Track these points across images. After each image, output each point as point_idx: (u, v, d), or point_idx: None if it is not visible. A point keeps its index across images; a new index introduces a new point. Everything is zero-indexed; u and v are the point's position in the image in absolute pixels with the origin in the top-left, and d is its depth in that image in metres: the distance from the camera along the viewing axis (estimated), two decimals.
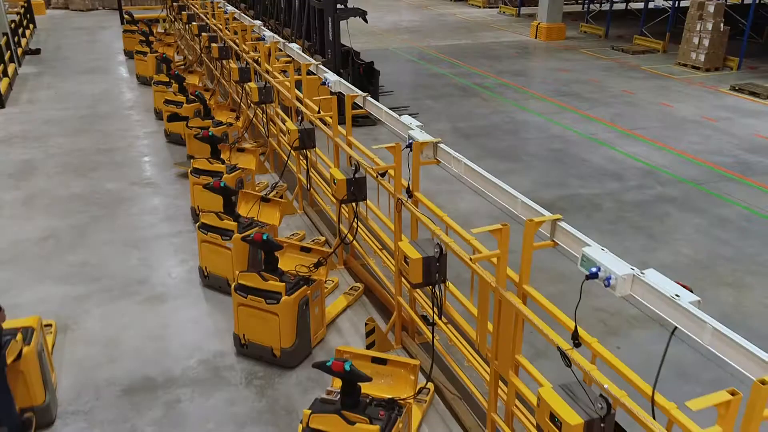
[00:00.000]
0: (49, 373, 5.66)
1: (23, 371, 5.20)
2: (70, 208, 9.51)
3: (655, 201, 9.88)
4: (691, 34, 18.44)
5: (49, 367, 5.69)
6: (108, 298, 7.30)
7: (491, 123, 13.56)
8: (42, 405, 5.42)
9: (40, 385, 5.40)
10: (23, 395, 5.27)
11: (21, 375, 5.20)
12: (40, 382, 5.38)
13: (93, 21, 26.93)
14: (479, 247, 4.71)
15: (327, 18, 12.66)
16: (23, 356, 5.15)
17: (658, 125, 13.53)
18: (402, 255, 4.99)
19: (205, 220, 7.17)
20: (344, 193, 6.36)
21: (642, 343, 6.58)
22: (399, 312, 6.38)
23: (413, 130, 6.08)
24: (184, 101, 11.80)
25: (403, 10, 30.65)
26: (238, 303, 6.06)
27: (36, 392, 5.36)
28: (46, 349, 5.68)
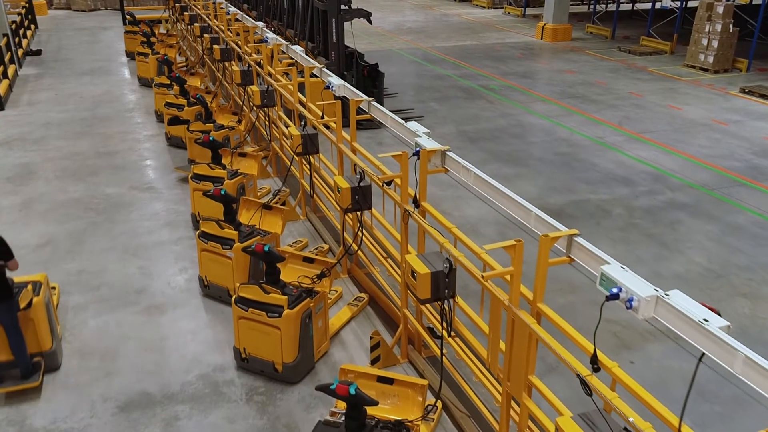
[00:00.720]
0: (55, 324, 6.28)
1: (33, 319, 5.84)
2: (69, 214, 9.32)
3: (666, 207, 9.66)
4: (700, 36, 18.20)
5: (54, 319, 6.27)
6: (106, 308, 7.10)
7: (497, 126, 13.34)
8: (49, 350, 6.05)
9: (48, 333, 6.02)
10: (33, 341, 5.89)
11: (31, 322, 5.84)
12: (47, 330, 6.01)
13: (95, 21, 26.77)
14: (491, 263, 4.51)
15: (331, 19, 12.46)
16: (33, 305, 5.80)
17: (666, 128, 13.30)
18: (409, 269, 4.79)
19: (205, 229, 6.96)
20: (349, 202, 6.16)
21: (657, 358, 6.36)
22: (405, 325, 6.17)
23: (420, 138, 5.87)
24: (185, 104, 11.60)
25: (407, 10, 30.44)
26: (238, 316, 5.86)
27: (44, 339, 5.99)
28: (51, 303, 6.29)
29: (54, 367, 6.13)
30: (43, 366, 5.95)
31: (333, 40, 12.58)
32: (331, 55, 12.65)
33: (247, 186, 8.73)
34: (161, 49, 16.75)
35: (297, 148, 7.57)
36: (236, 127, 10.63)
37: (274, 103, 9.63)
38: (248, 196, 8.75)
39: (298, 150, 7.58)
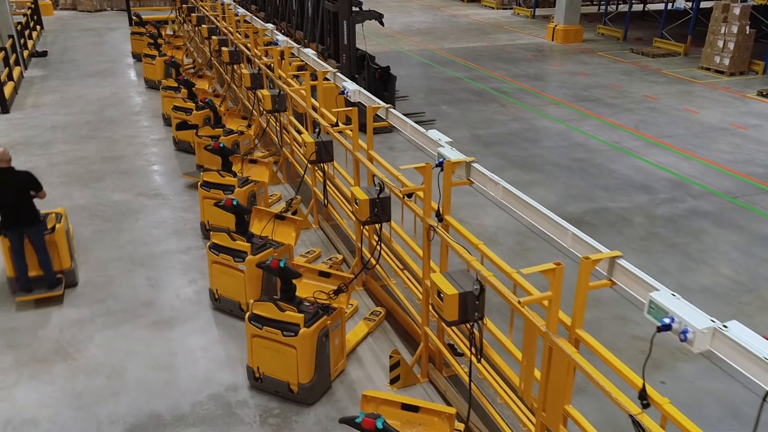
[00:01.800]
0: (74, 248, 7.73)
1: (56, 242, 7.19)
2: (74, 221, 9.02)
3: (689, 216, 9.36)
4: (715, 37, 17.87)
5: (72, 246, 7.68)
6: (112, 322, 6.85)
7: (511, 130, 13.05)
8: (69, 269, 7.40)
9: (67, 255, 7.37)
10: (55, 261, 7.24)
11: (54, 245, 7.19)
12: (67, 252, 7.35)
13: (101, 22, 26.56)
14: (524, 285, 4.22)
15: (342, 21, 12.19)
16: (56, 230, 7.19)
17: (684, 133, 13.00)
18: (435, 289, 4.51)
19: (216, 240, 6.70)
20: (367, 214, 5.88)
21: (689, 378, 6.07)
22: (426, 343, 5.90)
23: (443, 148, 5.59)
24: (193, 108, 11.35)
25: (415, 11, 30.15)
26: (252, 334, 5.59)
27: (64, 259, 7.34)
28: (69, 233, 7.64)
29: (72, 283, 7.47)
30: (64, 282, 7.28)
31: (344, 42, 12.31)
32: (342, 58, 12.38)
33: (258, 194, 8.46)
34: (168, 50, 16.51)
35: (311, 156, 7.30)
36: (246, 132, 10.36)
37: (286, 108, 9.37)
38: (259, 204, 8.49)
39: (312, 158, 7.31)
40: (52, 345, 6.47)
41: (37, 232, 6.95)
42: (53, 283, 7.18)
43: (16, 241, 6.93)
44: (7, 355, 6.33)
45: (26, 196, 6.84)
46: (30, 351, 6.38)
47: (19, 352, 6.36)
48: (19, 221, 6.83)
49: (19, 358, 6.27)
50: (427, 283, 5.62)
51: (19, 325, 6.76)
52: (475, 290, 4.28)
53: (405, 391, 5.88)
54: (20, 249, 6.97)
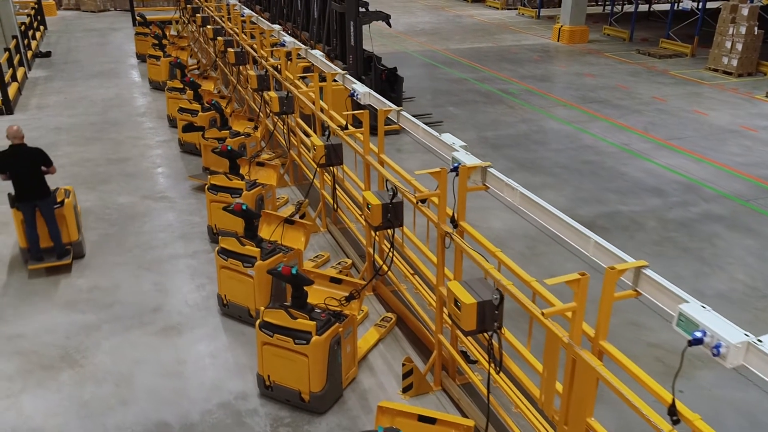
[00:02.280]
0: (81, 223, 8.27)
1: (65, 215, 7.77)
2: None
3: (702, 220, 9.25)
4: (723, 38, 17.75)
5: (80, 221, 8.22)
6: (120, 328, 6.75)
7: (519, 132, 12.94)
8: (77, 241, 7.97)
9: (75, 227, 7.92)
10: (64, 233, 7.78)
11: (63, 218, 7.75)
12: (75, 225, 7.92)
13: (105, 22, 26.48)
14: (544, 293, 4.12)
15: (349, 22, 12.08)
16: (65, 204, 7.75)
17: (694, 135, 12.88)
18: (452, 297, 4.40)
19: (225, 245, 6.60)
20: (380, 220, 5.77)
21: (707, 387, 5.96)
22: (440, 351, 5.79)
23: (458, 152, 5.48)
24: (199, 110, 11.26)
25: (419, 11, 30.03)
26: (262, 342, 5.49)
27: (72, 232, 7.90)
28: (77, 209, 8.21)
29: (79, 254, 8.06)
30: (72, 253, 7.83)
31: (351, 43, 12.21)
32: (349, 59, 12.28)
33: (266, 197, 8.36)
34: (173, 51, 16.42)
35: (320, 159, 7.19)
36: (252, 134, 10.26)
37: (293, 110, 9.26)
38: (267, 207, 8.39)
39: (321, 161, 7.20)
40: (59, 351, 6.37)
41: (48, 205, 7.53)
42: (62, 253, 7.74)
43: (28, 213, 7.51)
44: (13, 361, 6.23)
45: (38, 171, 7.45)
46: (36, 357, 6.28)
47: (24, 359, 6.26)
48: (31, 194, 7.43)
49: (25, 365, 6.17)
50: (442, 290, 5.52)
51: (25, 331, 6.67)
52: (494, 300, 4.17)
53: (418, 399, 5.77)
54: (32, 221, 7.54)
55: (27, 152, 7.47)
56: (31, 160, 7.44)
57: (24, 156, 7.43)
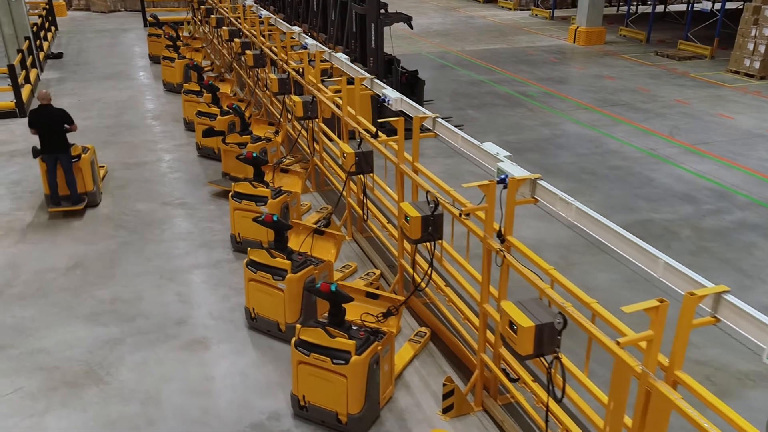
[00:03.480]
0: (97, 175, 9.68)
1: (81, 168, 9.17)
2: (99, 232, 8.75)
3: (737, 228, 8.97)
4: (745, 40, 17.44)
5: (98, 173, 9.71)
6: (144, 342, 6.52)
7: (541, 136, 12.67)
8: (91, 191, 9.41)
9: (91, 180, 9.35)
10: (80, 184, 9.22)
11: (80, 170, 9.16)
12: (90, 177, 9.34)
13: (115, 23, 26.31)
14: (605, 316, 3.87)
15: (370, 24, 11.83)
16: (82, 159, 9.14)
17: (721, 139, 12.59)
18: (506, 319, 4.16)
19: (254, 257, 6.35)
20: (419, 233, 5.53)
21: (760, 407, 5.69)
22: (482, 371, 5.54)
23: (503, 162, 5.24)
24: (218, 113, 11.02)
25: (431, 12, 29.76)
26: (298, 361, 5.25)
27: (87, 182, 9.33)
28: (95, 165, 9.61)
29: (93, 203, 9.46)
30: (86, 201, 9.28)
31: (371, 45, 11.96)
32: (370, 62, 12.03)
33: (291, 205, 8.13)
34: (187, 53, 16.21)
35: (351, 167, 6.95)
36: (273, 139, 10.02)
37: (317, 115, 9.03)
38: (292, 216, 8.16)
39: (351, 169, 6.96)
40: (82, 367, 6.14)
41: (67, 158, 8.90)
42: (77, 200, 9.15)
43: (51, 164, 8.89)
44: (36, 378, 6.00)
45: (61, 128, 8.76)
46: (59, 374, 6.05)
47: (47, 375, 6.03)
48: (53, 148, 8.80)
49: (48, 382, 5.95)
50: (486, 308, 5.27)
51: (47, 345, 6.44)
52: (557, 324, 3.91)
53: (459, 420, 5.52)
54: (53, 171, 8.94)
55: (52, 112, 8.81)
56: (56, 119, 8.75)
57: (50, 115, 8.77)
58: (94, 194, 9.38)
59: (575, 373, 4.41)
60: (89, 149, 9.34)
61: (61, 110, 8.87)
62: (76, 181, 9.03)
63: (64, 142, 8.85)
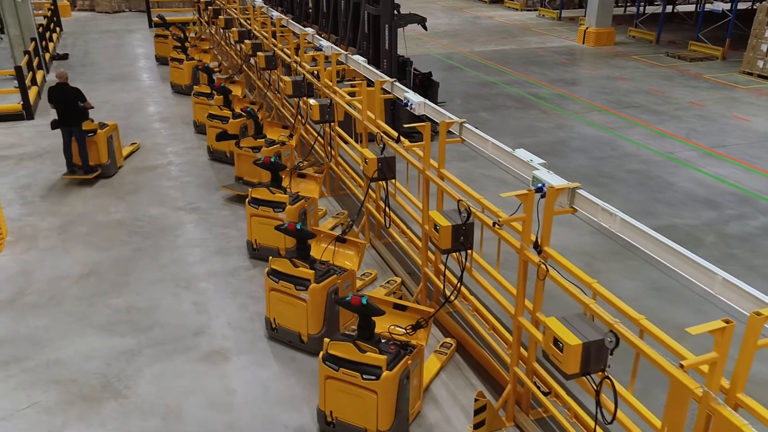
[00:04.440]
0: (116, 150, 10.67)
1: (96, 142, 10.16)
2: (112, 238, 8.58)
3: (763, 234, 8.79)
4: (758, 41, 17.25)
5: (116, 148, 10.71)
6: (162, 354, 6.34)
7: (557, 139, 12.49)
8: (105, 164, 10.38)
9: (105, 153, 10.32)
10: (95, 156, 10.25)
11: (94, 144, 10.17)
12: (105, 151, 10.31)
13: (120, 24, 26.14)
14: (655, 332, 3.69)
15: (384, 25, 11.65)
16: (97, 134, 10.14)
17: (739, 142, 12.41)
18: (551, 336, 3.98)
19: (276, 267, 6.17)
20: (449, 243, 5.35)
21: None
22: (514, 385, 5.36)
23: (539, 171, 5.07)
24: (230, 116, 10.85)
25: (438, 12, 29.57)
26: (326, 376, 5.07)
27: (102, 155, 10.31)
28: (116, 140, 10.74)
29: (107, 174, 10.45)
30: (99, 171, 10.29)
31: (385, 47, 11.78)
32: (383, 64, 11.85)
33: (308, 211, 7.95)
34: (195, 54, 16.03)
35: (373, 173, 6.77)
36: (287, 142, 9.85)
37: (334, 119, 8.85)
38: (309, 222, 7.99)
39: (374, 175, 6.78)
40: (100, 380, 5.96)
41: (79, 131, 9.90)
42: (88, 170, 10.14)
43: (66, 135, 9.94)
44: (52, 391, 5.83)
45: (75, 105, 9.79)
46: (76, 387, 5.87)
47: (64, 389, 5.85)
48: (67, 121, 9.83)
49: (65, 396, 5.77)
50: (521, 320, 5.09)
51: (63, 357, 6.27)
52: (608, 343, 3.73)
53: None
54: (68, 142, 9.98)
55: (68, 90, 9.87)
56: (70, 96, 9.80)
57: (65, 92, 9.83)
58: (107, 166, 10.36)
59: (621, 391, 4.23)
60: (108, 126, 10.35)
61: (76, 89, 9.90)
62: (88, 153, 10.01)
63: (77, 116, 9.83)
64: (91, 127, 10.06)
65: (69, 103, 9.75)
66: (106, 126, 10.33)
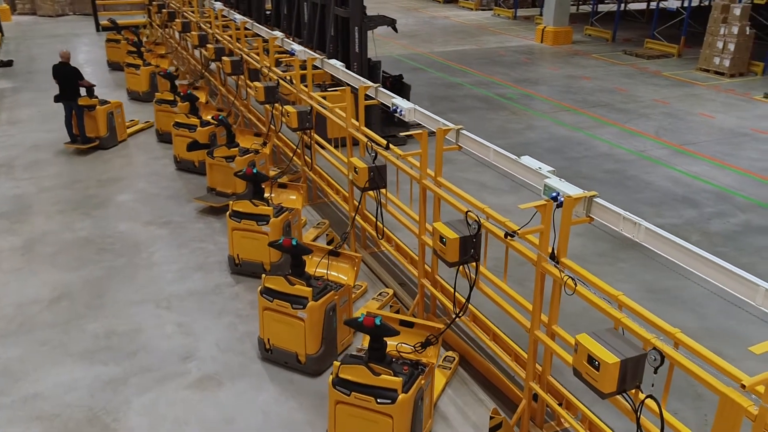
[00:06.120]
0: (117, 125, 11.84)
1: (95, 117, 11.42)
2: (81, 257, 8.09)
3: (745, 232, 8.85)
4: (715, 38, 17.59)
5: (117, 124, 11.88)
6: (150, 381, 5.95)
7: (530, 140, 12.44)
8: (104, 136, 11.61)
9: (105, 128, 11.55)
10: (94, 129, 11.51)
11: (94, 119, 11.42)
12: (105, 126, 11.54)
13: (65, 28, 25.13)
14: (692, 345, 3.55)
15: (353, 27, 11.38)
16: (96, 110, 11.41)
17: (707, 139, 12.57)
18: (585, 352, 3.81)
19: (270, 285, 5.85)
20: (457, 256, 5.13)
21: None
22: (529, 400, 5.18)
23: (550, 179, 4.90)
24: (197, 124, 10.43)
25: (393, 13, 29.27)
26: (336, 401, 4.80)
27: (101, 129, 11.55)
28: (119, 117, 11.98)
29: (105, 147, 11.66)
30: (97, 143, 11.52)
31: (355, 50, 11.52)
32: (353, 67, 11.57)
33: (292, 222, 7.64)
34: (153, 60, 15.45)
35: (364, 183, 6.51)
36: (261, 151, 9.49)
37: (312, 126, 8.55)
38: (293, 233, 7.68)
39: (365, 185, 6.52)
40: (85, 413, 5.55)
41: (78, 106, 11.23)
42: (85, 140, 11.42)
43: (66, 109, 11.30)
44: (34, 429, 5.39)
45: (73, 83, 11.10)
46: (60, 422, 5.45)
47: (47, 426, 5.42)
48: (66, 97, 11.16)
49: None
50: (538, 334, 4.91)
51: (42, 390, 5.82)
52: (652, 362, 3.57)
53: None
54: (69, 115, 11.35)
55: (68, 69, 11.13)
56: (69, 75, 11.09)
57: (65, 71, 11.09)
58: (106, 139, 11.60)
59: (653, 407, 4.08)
60: (110, 103, 11.66)
61: (75, 69, 11.21)
62: (84, 126, 11.30)
63: (74, 93, 11.12)
64: (89, 102, 11.29)
65: (68, 80, 10.98)
66: (108, 103, 11.56)
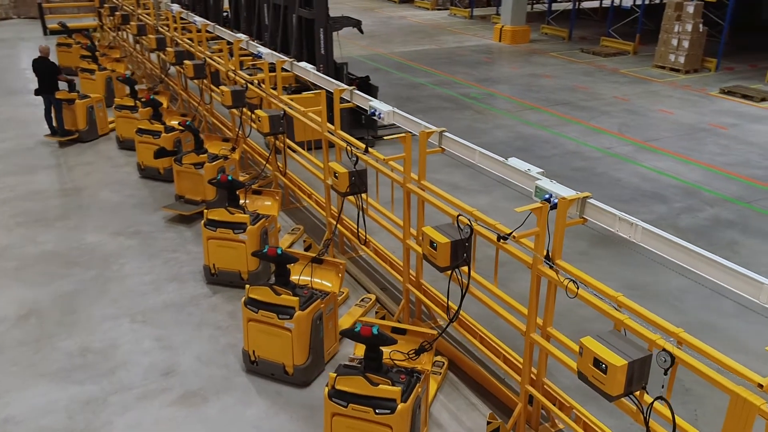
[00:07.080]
0: (97, 119, 12.12)
1: (75, 111, 11.75)
2: (47, 272, 7.77)
3: (714, 226, 9.03)
4: (669, 36, 17.98)
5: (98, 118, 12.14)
6: (131, 400, 5.73)
7: (497, 140, 12.48)
8: (83, 129, 11.93)
9: (84, 121, 11.88)
10: (73, 122, 11.90)
11: (73, 111, 11.76)
12: (84, 119, 11.89)
13: (10, 32, 24.28)
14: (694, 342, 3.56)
15: (318, 29, 11.24)
16: (76, 103, 11.73)
17: (669, 135, 12.81)
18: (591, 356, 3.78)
19: (255, 296, 5.70)
20: (448, 260, 5.06)
21: None
22: (525, 403, 5.15)
23: (541, 180, 4.87)
24: (162, 130, 10.15)
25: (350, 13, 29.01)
26: (333, 413, 4.68)
27: (80, 123, 11.88)
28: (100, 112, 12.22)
29: (84, 140, 11.98)
30: (77, 136, 11.88)
31: (321, 51, 11.38)
32: (319, 68, 11.42)
33: (269, 230, 7.47)
34: (108, 64, 15.01)
35: (345, 188, 6.39)
36: (230, 156, 9.28)
37: (285, 130, 8.39)
38: (270, 241, 7.52)
39: (346, 190, 6.41)
40: None
41: (56, 99, 11.63)
42: (63, 132, 11.86)
43: (46, 102, 11.75)
44: None
45: (51, 77, 11.55)
46: None
47: None
48: (45, 90, 11.58)
49: None
50: (534, 337, 4.88)
51: (15, 413, 5.54)
52: (662, 363, 3.56)
53: None
54: (48, 108, 11.82)
55: (47, 64, 11.54)
56: (47, 69, 11.51)
57: (44, 66, 11.50)
58: (85, 132, 11.92)
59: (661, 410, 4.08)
60: (91, 97, 11.94)
61: (53, 64, 11.67)
62: (63, 118, 11.70)
63: (52, 87, 11.52)
64: (68, 96, 11.61)
65: (47, 74, 11.44)
66: (88, 97, 11.85)
